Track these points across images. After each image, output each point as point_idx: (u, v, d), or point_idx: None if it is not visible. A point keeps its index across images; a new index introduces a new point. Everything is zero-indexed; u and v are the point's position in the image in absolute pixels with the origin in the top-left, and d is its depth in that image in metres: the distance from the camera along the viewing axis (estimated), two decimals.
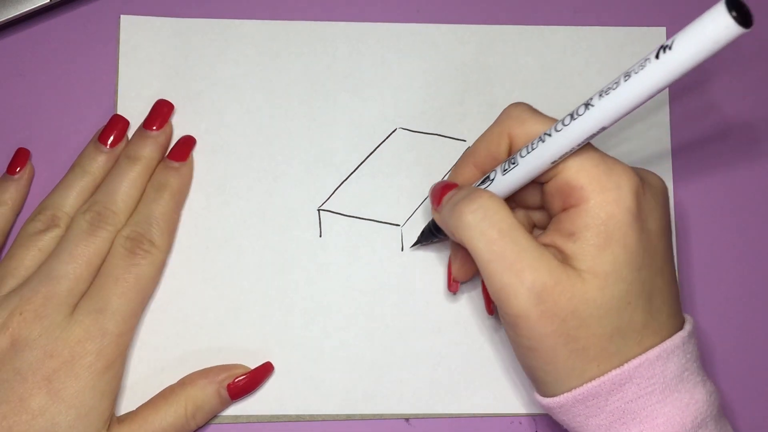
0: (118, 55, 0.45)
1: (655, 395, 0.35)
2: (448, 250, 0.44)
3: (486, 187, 0.38)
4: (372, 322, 0.44)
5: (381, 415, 0.43)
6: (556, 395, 0.36)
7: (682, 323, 0.37)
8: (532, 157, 0.36)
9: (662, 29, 0.47)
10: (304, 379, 0.43)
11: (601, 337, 0.35)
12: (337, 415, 0.43)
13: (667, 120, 0.46)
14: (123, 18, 0.46)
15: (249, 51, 0.46)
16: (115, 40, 0.46)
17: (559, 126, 0.34)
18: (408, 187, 0.45)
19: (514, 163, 0.37)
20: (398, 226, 0.45)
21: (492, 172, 0.38)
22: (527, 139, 0.37)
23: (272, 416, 0.43)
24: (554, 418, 0.37)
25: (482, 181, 0.39)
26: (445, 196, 0.39)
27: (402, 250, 0.44)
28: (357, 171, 0.45)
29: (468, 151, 0.41)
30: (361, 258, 0.44)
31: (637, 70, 0.31)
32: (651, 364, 0.35)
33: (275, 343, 0.43)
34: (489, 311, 0.43)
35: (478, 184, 0.39)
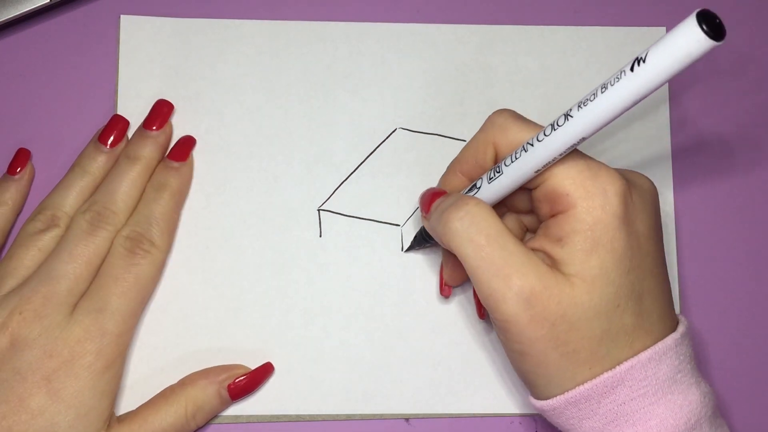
0: (118, 55, 0.45)
1: (647, 397, 0.35)
2: None
3: (473, 195, 0.38)
4: (372, 322, 0.44)
5: (381, 415, 0.43)
6: (548, 398, 0.36)
7: (675, 325, 0.37)
8: (515, 166, 0.36)
9: (662, 29, 0.47)
10: (304, 379, 0.43)
11: (591, 340, 0.35)
12: (337, 415, 0.43)
13: (667, 120, 0.46)
14: (123, 18, 0.46)
15: (249, 51, 0.46)
16: (115, 40, 0.46)
17: (540, 136, 0.34)
18: (408, 187, 0.45)
19: (499, 172, 0.37)
20: (398, 226, 0.45)
21: (478, 180, 0.38)
22: (511, 148, 0.37)
23: (272, 416, 0.43)
24: (548, 420, 0.37)
25: (469, 189, 0.39)
26: (434, 203, 0.39)
27: (402, 250, 0.44)
28: (357, 171, 0.45)
29: (455, 160, 0.41)
30: (361, 258, 0.44)
31: (613, 82, 0.31)
32: (643, 366, 0.35)
33: (275, 343, 0.43)
34: (480, 316, 0.43)
35: (465, 192, 0.39)
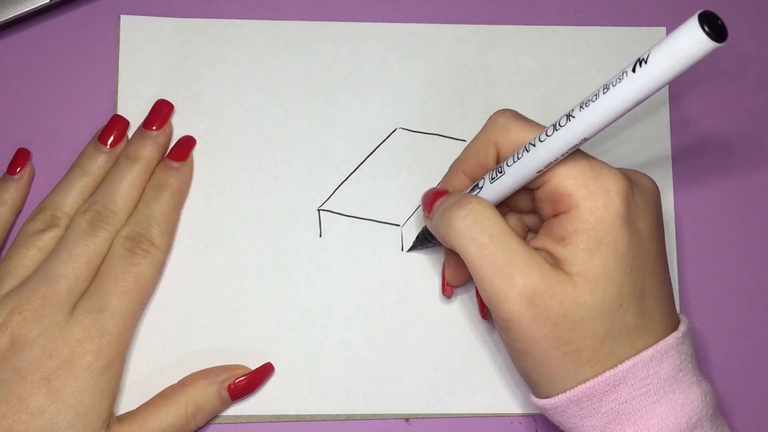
0: (118, 55, 0.45)
1: (649, 396, 0.35)
2: None
3: (475, 195, 0.38)
4: (372, 322, 0.44)
5: (381, 415, 0.43)
6: (550, 396, 0.36)
7: (676, 324, 0.37)
8: (517, 166, 0.36)
9: (662, 29, 0.47)
10: (304, 379, 0.43)
11: (594, 339, 0.35)
12: (337, 415, 0.43)
13: (668, 121, 0.46)
14: (123, 18, 0.46)
15: (249, 51, 0.46)
16: (115, 40, 0.46)
17: (542, 136, 0.34)
18: (408, 187, 0.45)
19: (501, 172, 0.37)
20: (398, 226, 0.45)
21: (480, 180, 0.38)
22: (513, 148, 0.37)
23: (272, 416, 0.43)
24: (550, 419, 0.37)
25: (471, 189, 0.39)
26: (436, 202, 0.39)
27: (402, 250, 0.44)
28: (357, 171, 0.45)
29: (457, 160, 0.41)
30: (361, 258, 0.44)
31: (615, 83, 0.31)
32: (644, 365, 0.35)
33: (275, 343, 0.43)
34: (483, 315, 0.43)
35: (467, 192, 0.39)
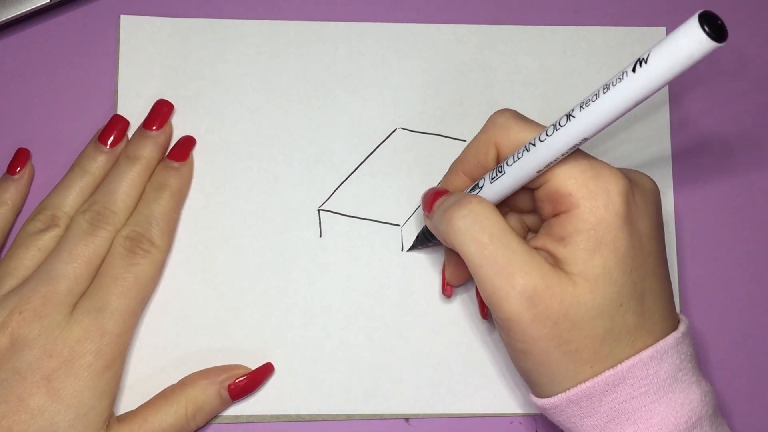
0: (118, 55, 0.45)
1: (649, 395, 0.35)
2: None
3: (476, 194, 0.38)
4: (372, 322, 0.44)
5: (381, 415, 0.43)
6: (550, 396, 0.36)
7: (676, 324, 0.37)
8: (517, 166, 0.36)
9: (662, 29, 0.47)
10: (304, 379, 0.43)
11: (594, 339, 0.35)
12: (337, 415, 0.43)
13: (668, 121, 0.46)
14: (123, 18, 0.46)
15: (249, 51, 0.46)
16: (115, 40, 0.46)
17: (542, 136, 0.34)
18: (408, 187, 0.45)
19: (501, 172, 0.37)
20: (398, 226, 0.45)
21: (481, 180, 0.38)
22: (513, 148, 0.37)
23: (272, 416, 0.43)
24: (549, 419, 0.37)
25: (471, 189, 0.39)
26: (436, 202, 0.39)
27: (402, 250, 0.44)
28: (357, 171, 0.45)
29: (457, 160, 0.41)
30: (361, 258, 0.44)
31: (615, 83, 0.31)
32: (644, 365, 0.35)
33: (275, 343, 0.43)
34: (483, 315, 0.43)
35: (467, 192, 0.39)
